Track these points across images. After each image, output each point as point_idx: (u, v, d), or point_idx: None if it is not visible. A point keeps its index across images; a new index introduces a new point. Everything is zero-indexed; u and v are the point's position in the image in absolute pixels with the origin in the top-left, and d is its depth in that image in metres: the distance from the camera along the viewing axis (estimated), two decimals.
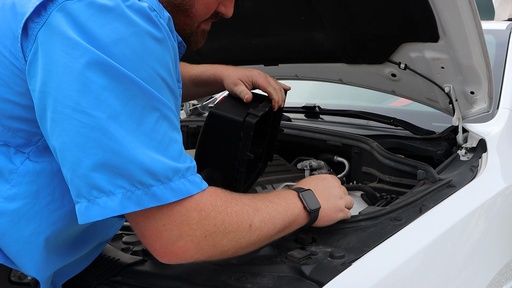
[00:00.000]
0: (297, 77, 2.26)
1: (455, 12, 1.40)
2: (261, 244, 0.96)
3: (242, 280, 0.95)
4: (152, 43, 0.83)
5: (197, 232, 0.84)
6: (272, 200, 1.00)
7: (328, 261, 0.98)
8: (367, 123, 2.17)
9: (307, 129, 2.01)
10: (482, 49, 1.47)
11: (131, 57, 0.80)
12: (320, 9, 1.71)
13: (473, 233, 1.33)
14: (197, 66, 1.52)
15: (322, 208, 1.07)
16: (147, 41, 0.82)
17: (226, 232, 0.87)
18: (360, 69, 1.92)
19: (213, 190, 0.90)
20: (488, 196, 1.40)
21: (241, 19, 1.93)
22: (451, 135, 1.77)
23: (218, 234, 0.86)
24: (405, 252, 1.07)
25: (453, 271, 1.21)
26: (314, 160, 1.84)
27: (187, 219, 0.84)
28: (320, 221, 1.08)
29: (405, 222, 1.15)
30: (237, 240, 0.89)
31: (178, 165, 0.83)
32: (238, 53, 2.17)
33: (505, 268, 1.42)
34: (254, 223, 0.92)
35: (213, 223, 0.86)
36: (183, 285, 0.97)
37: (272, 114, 1.39)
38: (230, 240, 0.88)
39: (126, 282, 1.02)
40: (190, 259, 0.87)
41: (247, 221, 0.90)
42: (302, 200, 1.04)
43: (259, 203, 0.96)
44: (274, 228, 0.96)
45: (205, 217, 0.85)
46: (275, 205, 0.98)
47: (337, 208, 1.12)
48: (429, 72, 1.69)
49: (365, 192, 1.61)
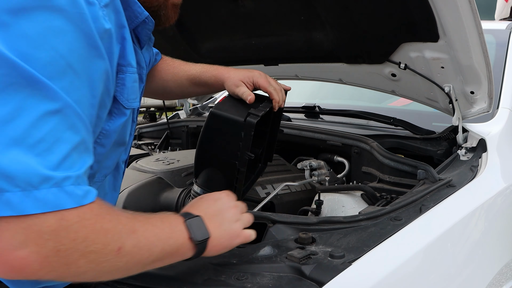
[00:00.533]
0: (297, 77, 2.26)
1: (455, 12, 1.40)
2: (130, 272, 0.83)
3: (242, 280, 0.95)
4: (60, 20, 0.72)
5: (48, 244, 0.69)
6: (155, 223, 0.86)
7: (328, 261, 0.98)
8: (367, 123, 2.17)
9: (307, 129, 2.01)
10: (482, 49, 1.47)
11: (29, 32, 0.69)
12: (320, 9, 1.71)
13: (473, 233, 1.33)
14: (195, 65, 1.49)
15: (214, 236, 0.94)
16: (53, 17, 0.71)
17: (86, 252, 0.72)
18: (360, 69, 1.92)
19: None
20: (488, 196, 1.40)
21: (241, 19, 1.93)
22: (451, 135, 1.78)
23: (75, 252, 0.71)
24: (405, 252, 1.07)
25: (453, 271, 1.21)
26: (314, 160, 1.84)
27: (40, 224, 0.68)
28: (211, 251, 0.95)
29: (405, 222, 1.15)
30: (98, 263, 0.75)
31: (51, 172, 0.69)
32: (238, 53, 2.17)
33: (505, 268, 1.42)
34: (125, 247, 0.78)
35: (72, 237, 0.70)
36: (183, 285, 0.97)
37: (272, 114, 1.40)
38: (90, 261, 0.73)
39: (126, 282, 1.01)
40: (30, 275, 0.70)
41: (116, 243, 0.76)
42: (188, 228, 0.90)
43: (138, 224, 0.82)
44: (149, 256, 0.83)
45: (64, 227, 0.70)
46: (156, 229, 0.85)
47: (231, 235, 0.99)
48: (429, 72, 1.69)
49: (365, 192, 1.61)
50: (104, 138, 0.93)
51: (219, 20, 2.01)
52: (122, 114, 0.94)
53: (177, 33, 2.16)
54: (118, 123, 0.94)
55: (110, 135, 0.93)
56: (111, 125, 0.93)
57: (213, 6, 1.93)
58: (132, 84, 0.94)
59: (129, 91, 0.93)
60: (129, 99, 0.94)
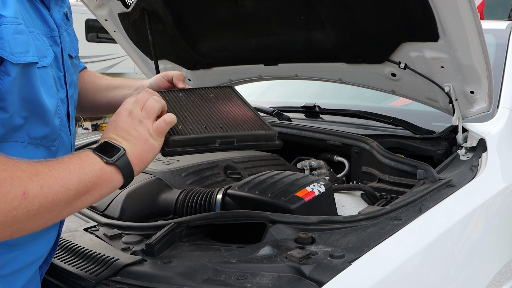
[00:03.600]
0: (297, 77, 2.26)
1: (455, 11, 1.40)
2: (56, 214, 0.85)
3: (242, 280, 0.95)
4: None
5: None
6: (61, 161, 0.87)
7: (328, 260, 0.98)
8: (367, 123, 2.17)
9: (307, 129, 2.01)
10: (482, 49, 1.47)
11: None
12: (320, 9, 1.71)
13: (473, 232, 1.33)
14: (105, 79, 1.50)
15: (129, 148, 0.95)
16: None
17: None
18: (360, 68, 1.92)
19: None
20: (488, 195, 1.40)
21: (241, 19, 1.93)
22: (451, 134, 1.78)
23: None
24: (405, 252, 1.07)
25: (453, 270, 1.21)
26: (314, 160, 1.84)
27: None
28: (139, 164, 0.97)
29: (405, 221, 1.15)
30: (6, 213, 0.76)
31: None
32: (238, 53, 2.17)
33: (505, 268, 1.42)
34: (30, 190, 0.78)
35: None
36: (182, 285, 0.97)
37: None
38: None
39: (126, 282, 1.01)
40: None
41: (18, 189, 0.77)
42: (98, 154, 0.91)
43: (41, 166, 0.83)
44: (67, 191, 0.84)
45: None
46: (64, 165, 0.86)
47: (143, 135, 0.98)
48: (429, 72, 1.69)
49: (365, 191, 1.62)
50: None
51: (219, 20, 2.01)
52: (9, 71, 0.88)
53: (177, 33, 2.16)
54: (7, 82, 0.89)
55: (4, 97, 0.89)
56: (1, 86, 0.88)
57: (213, 6, 1.93)
58: (13, 36, 0.88)
59: (11, 44, 0.87)
60: (14, 53, 0.88)
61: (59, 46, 1.08)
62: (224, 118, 1.18)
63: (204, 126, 1.12)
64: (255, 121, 1.19)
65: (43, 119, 0.99)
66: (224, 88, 1.36)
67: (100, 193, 0.91)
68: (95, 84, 1.46)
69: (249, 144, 1.15)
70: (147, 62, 2.53)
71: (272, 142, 1.17)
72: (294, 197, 1.29)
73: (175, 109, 1.19)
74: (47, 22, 1.04)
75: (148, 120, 1.01)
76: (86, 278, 1.06)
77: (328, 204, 1.37)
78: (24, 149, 0.97)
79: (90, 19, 10.49)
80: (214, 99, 1.27)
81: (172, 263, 1.06)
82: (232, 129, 1.13)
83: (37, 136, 0.99)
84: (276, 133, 1.17)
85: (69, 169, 0.86)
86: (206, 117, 1.17)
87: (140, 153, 0.97)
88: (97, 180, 0.90)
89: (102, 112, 1.53)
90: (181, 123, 1.12)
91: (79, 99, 1.43)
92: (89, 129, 11.04)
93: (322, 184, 1.36)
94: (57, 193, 0.82)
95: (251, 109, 1.25)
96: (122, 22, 2.30)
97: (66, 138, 1.11)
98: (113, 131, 0.99)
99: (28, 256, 1.03)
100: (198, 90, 1.32)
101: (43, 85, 0.98)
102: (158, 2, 2.01)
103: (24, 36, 0.92)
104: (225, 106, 1.24)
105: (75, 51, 1.24)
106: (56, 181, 0.83)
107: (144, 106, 1.02)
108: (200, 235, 1.26)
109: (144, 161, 0.98)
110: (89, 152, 0.92)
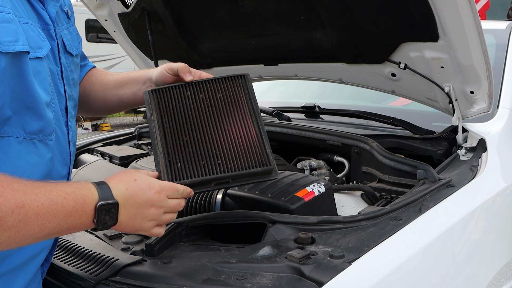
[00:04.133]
0: (297, 77, 2.26)
1: (455, 11, 1.40)
2: (16, 246, 0.83)
3: (242, 280, 0.95)
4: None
5: None
6: (56, 199, 0.85)
7: (328, 261, 0.98)
8: (367, 123, 2.17)
9: (307, 129, 2.00)
10: (482, 49, 1.47)
11: None
12: (320, 9, 1.71)
13: (473, 232, 1.33)
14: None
15: (120, 222, 0.96)
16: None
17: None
18: (360, 68, 1.92)
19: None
20: (488, 196, 1.40)
21: (241, 19, 1.93)
22: (451, 134, 1.78)
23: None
24: (405, 252, 1.07)
25: (453, 270, 1.21)
26: (314, 160, 1.84)
27: None
28: (114, 228, 0.97)
29: (405, 221, 1.15)
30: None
31: None
32: (238, 53, 2.17)
33: (505, 268, 1.41)
34: (6, 221, 0.77)
35: None
36: (182, 285, 0.97)
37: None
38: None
39: (125, 282, 1.01)
40: None
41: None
42: (97, 213, 0.90)
43: (30, 198, 0.82)
44: (41, 232, 0.83)
45: None
46: (55, 206, 0.84)
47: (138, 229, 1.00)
48: (429, 72, 1.69)
49: (365, 192, 1.61)
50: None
51: (219, 20, 2.01)
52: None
53: (177, 33, 2.16)
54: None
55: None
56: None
57: (213, 6, 1.93)
58: (1, 24, 0.89)
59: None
60: (3, 42, 0.88)
61: (54, 41, 1.08)
62: (224, 145, 1.16)
63: (202, 162, 1.13)
64: (256, 148, 1.16)
65: (36, 112, 0.98)
66: (234, 82, 1.29)
67: (67, 233, 0.91)
68: (103, 83, 1.46)
69: (244, 180, 1.15)
70: (147, 62, 2.53)
71: (269, 176, 1.16)
72: (294, 197, 1.29)
73: (180, 128, 1.19)
74: (42, 16, 1.05)
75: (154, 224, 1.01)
76: (86, 278, 1.06)
77: (328, 204, 1.37)
78: (20, 145, 0.97)
79: (90, 19, 10.49)
80: (221, 103, 1.24)
81: (172, 263, 1.06)
82: (230, 164, 1.13)
83: (32, 131, 0.98)
84: (273, 167, 1.14)
85: (54, 213, 0.84)
86: (207, 143, 1.17)
87: (120, 228, 0.98)
88: (73, 228, 0.89)
89: (116, 110, 1.53)
90: (182, 157, 1.14)
91: (91, 102, 1.45)
92: (89, 129, 11.05)
93: (322, 184, 1.36)
94: (30, 231, 0.81)
95: (256, 123, 1.21)
96: (122, 22, 2.30)
97: (62, 135, 1.10)
98: (125, 201, 0.96)
99: (26, 251, 1.01)
100: (205, 85, 1.27)
101: (36, 76, 0.97)
102: (158, 2, 2.02)
103: (12, 25, 0.91)
104: (229, 120, 1.21)
105: (76, 50, 1.23)
106: (35, 220, 0.81)
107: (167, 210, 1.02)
108: (200, 235, 1.26)
109: (114, 228, 0.98)
110: (90, 202, 0.90)
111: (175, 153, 1.14)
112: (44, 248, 1.08)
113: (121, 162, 1.97)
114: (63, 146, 1.10)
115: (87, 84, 1.45)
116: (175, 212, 1.05)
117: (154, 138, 1.19)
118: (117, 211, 0.94)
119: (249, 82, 1.29)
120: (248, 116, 1.22)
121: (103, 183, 0.95)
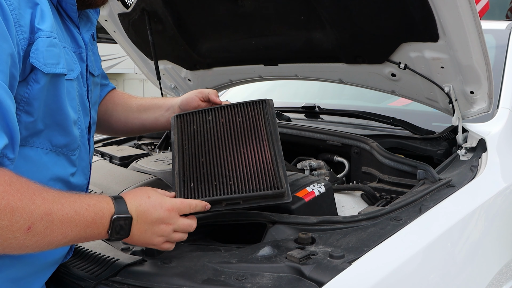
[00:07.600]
0: (297, 77, 2.26)
1: (455, 12, 1.40)
2: (38, 250, 0.87)
3: (242, 280, 0.95)
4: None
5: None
6: (79, 210, 0.90)
7: (328, 261, 0.98)
8: (367, 123, 2.17)
9: (307, 129, 2.00)
10: (482, 49, 1.47)
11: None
12: (320, 9, 1.71)
13: (473, 233, 1.33)
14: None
15: (131, 236, 1.00)
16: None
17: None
18: (360, 69, 1.92)
19: (5, 173, 0.82)
20: (488, 196, 1.40)
21: (241, 19, 1.93)
22: (451, 135, 1.78)
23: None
24: (405, 252, 1.07)
25: (453, 271, 1.21)
26: (314, 160, 1.84)
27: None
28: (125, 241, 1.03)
29: (405, 222, 1.15)
30: (5, 239, 0.80)
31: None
32: (238, 53, 2.17)
33: (505, 268, 1.42)
34: (36, 228, 0.83)
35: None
36: (182, 285, 0.97)
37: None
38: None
39: (126, 282, 1.01)
40: None
41: (26, 222, 0.81)
42: (111, 225, 0.96)
43: (57, 207, 0.87)
44: (63, 239, 0.89)
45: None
46: (77, 216, 0.90)
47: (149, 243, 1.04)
48: (429, 72, 1.69)
49: (365, 192, 1.61)
50: (26, 105, 0.95)
51: (219, 20, 2.01)
52: (39, 80, 0.95)
53: (177, 33, 2.16)
54: (36, 89, 0.95)
55: (31, 102, 0.95)
56: (29, 92, 0.94)
57: (213, 6, 1.93)
58: (47, 48, 0.95)
59: (45, 56, 0.94)
60: (47, 64, 0.95)
61: (84, 63, 1.13)
62: (238, 167, 1.18)
63: (215, 183, 1.16)
64: (269, 171, 1.17)
65: (65, 129, 1.04)
66: (255, 106, 1.31)
67: (82, 242, 0.98)
68: (126, 106, 1.49)
69: (255, 202, 1.15)
70: (147, 62, 2.53)
71: (281, 199, 1.15)
72: (294, 198, 1.29)
73: (197, 150, 1.24)
74: (77, 40, 1.11)
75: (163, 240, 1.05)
76: (86, 278, 1.06)
77: (328, 204, 1.37)
78: (46, 155, 1.02)
79: None
80: (240, 127, 1.27)
81: (172, 263, 1.06)
82: (241, 185, 1.14)
83: (58, 144, 1.04)
84: (285, 191, 1.13)
85: (76, 223, 0.90)
86: (221, 164, 1.19)
87: (131, 242, 1.03)
88: (89, 237, 0.95)
89: (136, 133, 1.56)
90: (196, 178, 1.18)
91: (111, 121, 1.50)
92: None
93: (322, 185, 1.36)
94: (54, 238, 0.87)
95: (272, 147, 1.22)
96: (122, 22, 2.30)
97: (84, 150, 1.15)
98: (138, 216, 1.00)
99: (44, 256, 1.04)
100: (227, 110, 1.32)
101: (68, 96, 1.04)
102: (158, 2, 2.02)
103: (57, 49, 0.98)
104: (246, 143, 1.23)
105: (98, 70, 1.30)
106: (60, 228, 0.87)
107: (177, 229, 1.05)
108: (200, 235, 1.26)
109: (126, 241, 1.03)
110: (107, 214, 0.95)
111: (190, 174, 1.19)
112: (63, 255, 1.12)
113: (121, 162, 1.97)
114: (84, 161, 1.16)
115: (109, 105, 1.49)
116: (185, 233, 1.07)
117: (173, 159, 1.24)
118: (130, 224, 0.99)
119: (270, 107, 1.32)
120: (265, 140, 1.24)
121: (119, 197, 1.00)
